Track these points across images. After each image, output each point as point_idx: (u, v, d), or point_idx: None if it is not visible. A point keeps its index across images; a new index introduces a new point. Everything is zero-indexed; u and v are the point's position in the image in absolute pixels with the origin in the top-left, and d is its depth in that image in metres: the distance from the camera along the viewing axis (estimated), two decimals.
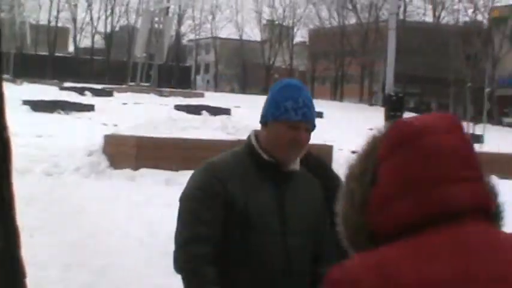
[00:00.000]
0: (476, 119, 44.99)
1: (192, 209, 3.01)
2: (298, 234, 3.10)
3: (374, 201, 1.60)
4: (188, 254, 2.98)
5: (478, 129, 35.66)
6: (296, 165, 3.16)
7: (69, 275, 7.44)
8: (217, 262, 2.97)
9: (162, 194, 11.61)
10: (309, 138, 3.11)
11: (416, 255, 1.53)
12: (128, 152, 14.95)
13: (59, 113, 31.16)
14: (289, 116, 3.03)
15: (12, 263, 2.21)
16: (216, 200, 3.00)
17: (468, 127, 33.14)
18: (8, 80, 44.67)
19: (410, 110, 49.00)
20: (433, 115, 1.69)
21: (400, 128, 1.63)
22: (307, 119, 3.07)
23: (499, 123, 55.73)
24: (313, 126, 3.12)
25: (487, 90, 46.95)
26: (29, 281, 2.89)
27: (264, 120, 3.12)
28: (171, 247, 8.76)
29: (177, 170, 13.35)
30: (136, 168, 14.62)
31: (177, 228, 3.05)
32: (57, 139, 19.43)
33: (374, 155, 1.64)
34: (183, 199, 3.07)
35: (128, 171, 14.54)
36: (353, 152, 1.78)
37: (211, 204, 2.99)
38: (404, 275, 1.50)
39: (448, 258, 1.52)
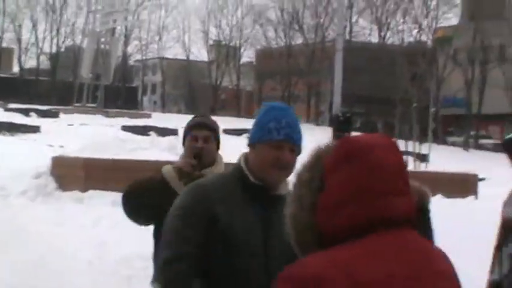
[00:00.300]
0: (422, 139, 45.65)
1: (173, 227, 3.04)
2: (281, 259, 2.87)
3: (322, 206, 1.83)
4: (171, 272, 2.98)
5: (424, 149, 36.18)
6: (283, 189, 3.13)
7: None
8: (201, 279, 2.99)
9: (110, 215, 11.54)
10: (294, 160, 3.09)
11: (368, 254, 1.75)
12: (76, 174, 14.85)
13: (4, 134, 30.80)
14: (272, 136, 3.06)
15: None
16: (199, 218, 3.01)
17: (414, 146, 33.60)
18: None
19: (357, 130, 49.50)
20: (374, 135, 1.92)
21: (349, 144, 1.87)
22: (290, 139, 3.09)
23: (444, 142, 56.68)
24: (299, 148, 3.12)
25: (432, 109, 47.73)
26: None
27: (250, 143, 3.15)
28: (120, 268, 8.72)
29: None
30: (84, 190, 14.52)
31: (160, 248, 3.09)
32: (2, 161, 19.17)
33: (319, 165, 1.88)
34: (169, 216, 3.10)
35: (76, 193, 14.43)
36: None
37: (194, 222, 3.00)
38: (362, 273, 1.71)
39: (395, 258, 1.76)
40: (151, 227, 4.25)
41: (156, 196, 4.06)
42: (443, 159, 34.13)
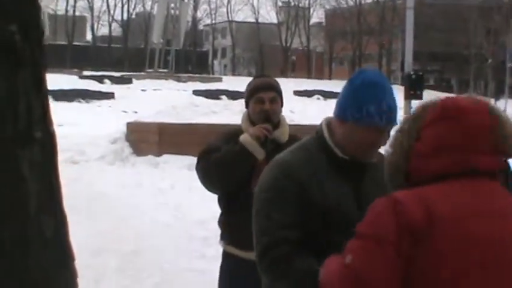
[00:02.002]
0: (498, 95, 44.73)
1: (265, 212, 2.86)
2: None
3: (416, 153, 2.22)
4: (271, 260, 2.83)
5: (500, 105, 35.48)
6: (375, 157, 2.97)
7: (99, 260, 7.57)
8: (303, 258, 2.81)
9: (186, 178, 11.74)
10: (389, 137, 2.83)
11: (446, 193, 2.15)
12: (151, 139, 15.10)
13: (79, 101, 31.42)
14: (373, 121, 2.81)
15: (61, 248, 2.33)
16: (289, 198, 2.83)
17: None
18: None
19: (431, 88, 48.83)
20: (472, 98, 2.29)
21: (449, 104, 2.26)
22: (391, 124, 2.86)
23: None
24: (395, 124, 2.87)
25: (509, 65, 46.62)
26: None
27: (342, 117, 2.88)
28: (197, 231, 8.89)
29: None
30: (159, 154, 14.77)
31: (254, 234, 2.91)
32: (79, 127, 19.63)
33: (421, 119, 2.26)
34: (255, 202, 2.93)
35: (151, 158, 14.70)
36: None
37: (285, 204, 2.83)
38: (439, 206, 2.10)
39: (471, 199, 2.15)
40: None
41: (241, 168, 4.07)
42: None
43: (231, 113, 15.62)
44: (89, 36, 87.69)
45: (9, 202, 2.11)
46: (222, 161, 4.09)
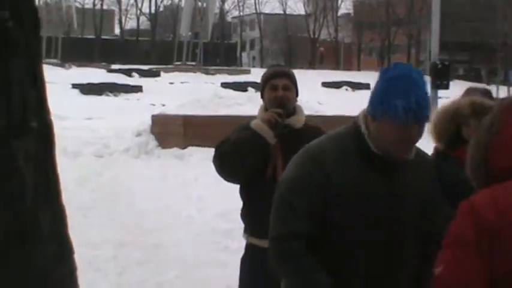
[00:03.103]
0: None
1: (287, 201, 2.81)
2: (409, 228, 2.88)
3: (495, 147, 2.24)
4: (285, 251, 2.82)
5: None
6: (410, 155, 2.89)
7: (122, 253, 7.58)
8: (315, 253, 2.81)
9: (210, 171, 11.67)
10: (421, 133, 2.83)
11: None
12: (176, 131, 15.11)
13: (108, 95, 31.57)
14: (398, 117, 2.72)
15: (59, 241, 2.29)
16: (315, 190, 2.78)
17: None
18: (56, 65, 45.32)
19: (460, 78, 48.43)
20: None
21: None
22: (419, 122, 2.78)
23: None
24: (427, 121, 2.86)
25: None
26: (82, 259, 2.98)
27: (372, 113, 2.82)
28: (220, 223, 8.85)
29: None
30: (184, 146, 14.78)
31: (273, 219, 2.87)
32: (107, 121, 19.70)
33: (498, 115, 2.28)
34: (281, 188, 2.88)
35: (175, 150, 14.71)
36: None
37: (310, 196, 2.78)
38: (505, 203, 2.15)
39: None
40: None
41: (253, 153, 4.05)
42: None
43: (255, 105, 15.54)
44: (117, 30, 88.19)
45: (5, 194, 2.08)
46: (234, 148, 4.08)
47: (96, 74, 38.75)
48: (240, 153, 4.06)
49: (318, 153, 2.82)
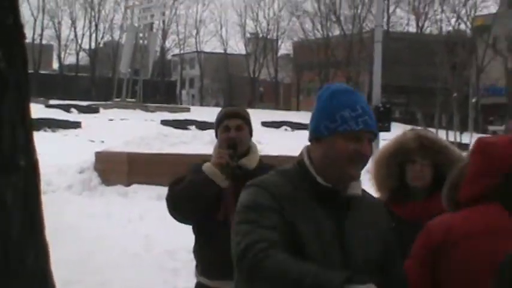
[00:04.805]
0: (462, 128, 45.20)
1: (248, 219, 2.55)
2: (361, 268, 2.60)
3: (462, 182, 2.73)
4: (253, 254, 2.48)
5: (465, 138, 35.91)
6: (357, 189, 2.70)
7: None
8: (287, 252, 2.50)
9: (155, 208, 11.66)
10: (372, 151, 2.67)
11: (466, 216, 2.67)
12: (120, 169, 15.00)
13: (46, 130, 31.17)
14: (349, 126, 2.58)
15: (42, 278, 2.29)
16: (273, 211, 2.54)
17: (455, 136, 33.34)
18: None
19: (396, 120, 49.22)
20: (503, 137, 2.79)
21: (479, 142, 2.75)
22: (370, 128, 2.62)
23: (485, 131, 56.13)
24: (376, 136, 2.68)
25: (473, 99, 47.24)
26: None
27: (316, 136, 2.66)
28: (168, 262, 8.78)
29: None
30: (128, 184, 14.68)
31: (235, 242, 2.56)
32: (46, 157, 19.39)
33: (467, 158, 2.83)
34: (237, 214, 2.63)
35: (119, 187, 14.60)
36: None
37: (269, 214, 2.54)
38: (457, 228, 2.65)
39: (481, 218, 2.64)
40: None
41: (204, 197, 4.06)
42: None
43: (200, 143, 15.59)
44: (55, 65, 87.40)
45: None
46: (186, 190, 4.10)
47: (34, 110, 37.94)
48: (192, 196, 4.07)
49: (266, 185, 2.61)
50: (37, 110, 37.85)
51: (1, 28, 2.11)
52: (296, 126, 39.13)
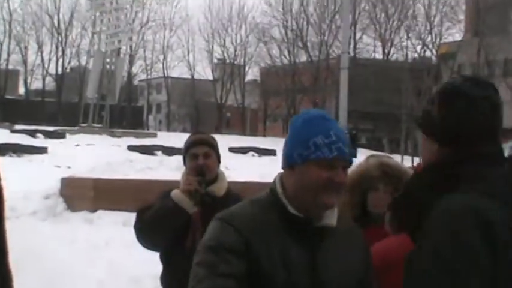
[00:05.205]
0: None
1: (207, 262, 2.46)
2: None
3: None
4: None
5: None
6: (331, 219, 2.61)
7: None
8: None
9: (121, 235, 11.59)
10: (346, 176, 2.59)
11: (403, 242, 2.69)
12: (86, 195, 14.92)
13: (11, 155, 30.83)
14: (322, 153, 2.50)
15: None
16: (235, 253, 2.45)
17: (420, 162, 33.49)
18: None
19: (362, 146, 49.50)
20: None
21: (418, 166, 2.94)
22: (344, 155, 2.53)
23: None
24: (350, 164, 2.61)
25: None
26: None
27: (288, 164, 2.57)
28: (132, 286, 8.71)
29: (135, 211, 13.33)
30: (94, 210, 14.59)
31: (191, 282, 2.49)
32: (11, 182, 19.18)
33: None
34: (197, 253, 2.55)
35: (85, 213, 14.50)
36: None
37: (230, 258, 2.44)
38: (393, 252, 2.96)
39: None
40: None
41: (172, 223, 4.07)
42: None
43: (166, 169, 15.58)
44: (21, 90, 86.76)
45: None
46: (154, 217, 4.13)
47: None
48: (159, 223, 4.10)
49: (233, 219, 2.52)
50: (2, 135, 37.54)
51: None
52: (263, 151, 39.12)
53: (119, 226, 12.90)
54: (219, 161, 4.35)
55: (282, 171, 2.65)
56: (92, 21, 60.09)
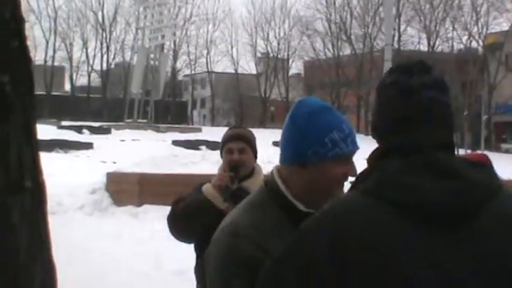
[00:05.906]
0: (474, 146, 45.06)
1: (220, 280, 2.35)
2: None
3: None
4: None
5: None
6: None
7: None
8: None
9: (165, 229, 11.66)
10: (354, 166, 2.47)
11: None
12: (131, 189, 15.07)
13: (58, 151, 31.25)
14: (340, 149, 2.37)
15: None
16: (247, 265, 2.28)
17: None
18: None
19: None
20: None
21: None
22: (357, 147, 2.44)
23: (498, 149, 55.95)
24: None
25: (484, 117, 47.13)
26: None
27: (300, 162, 2.39)
28: (177, 282, 8.80)
29: None
30: (139, 204, 14.73)
31: None
32: (58, 178, 19.47)
33: None
34: (210, 271, 2.43)
35: (131, 208, 14.65)
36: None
37: (242, 272, 2.29)
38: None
39: None
40: None
41: (202, 217, 4.07)
42: (498, 166, 33.62)
43: (209, 163, 15.64)
44: (67, 87, 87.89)
45: None
46: (184, 211, 4.15)
47: (46, 131, 38.40)
48: (189, 217, 4.12)
49: (246, 230, 2.37)
50: (49, 131, 38.06)
51: (6, 51, 2.15)
52: None
53: (163, 220, 12.96)
54: (255, 157, 4.33)
55: (277, 165, 2.50)
56: (136, 16, 60.59)
